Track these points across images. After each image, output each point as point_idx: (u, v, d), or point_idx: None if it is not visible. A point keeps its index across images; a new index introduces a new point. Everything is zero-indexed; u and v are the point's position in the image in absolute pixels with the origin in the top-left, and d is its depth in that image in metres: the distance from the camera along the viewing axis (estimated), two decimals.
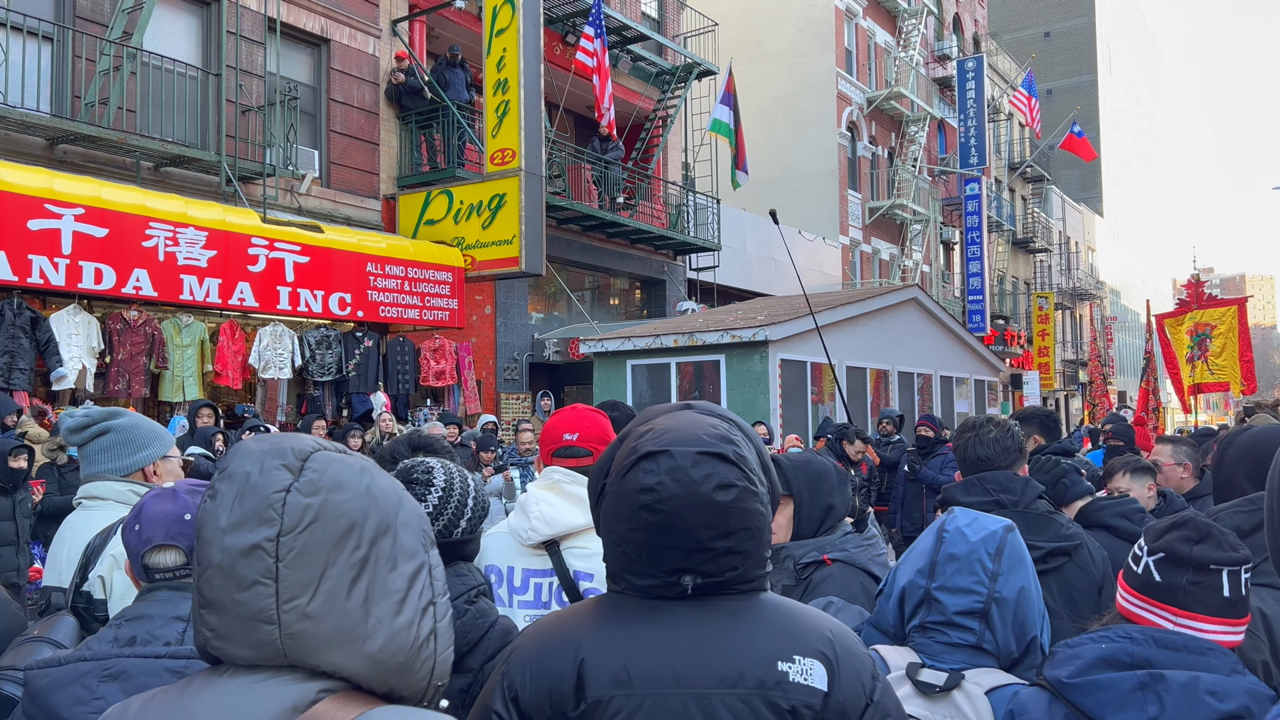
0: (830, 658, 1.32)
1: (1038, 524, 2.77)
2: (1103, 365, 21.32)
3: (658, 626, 1.33)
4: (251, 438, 1.09)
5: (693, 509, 1.30)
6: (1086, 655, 1.71)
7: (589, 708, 1.30)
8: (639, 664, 1.31)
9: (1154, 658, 1.66)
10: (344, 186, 12.62)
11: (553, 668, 1.33)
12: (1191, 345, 11.99)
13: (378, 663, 1.01)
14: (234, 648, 1.00)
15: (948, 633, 1.90)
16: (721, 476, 1.32)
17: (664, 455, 1.33)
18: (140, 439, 2.56)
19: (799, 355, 11.17)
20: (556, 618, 1.45)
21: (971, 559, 1.92)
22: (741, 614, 1.34)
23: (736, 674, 1.29)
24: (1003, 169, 36.64)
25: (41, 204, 8.30)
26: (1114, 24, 59.53)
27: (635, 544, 1.34)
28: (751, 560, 1.35)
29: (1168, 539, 1.76)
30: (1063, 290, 41.96)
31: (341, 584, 1.00)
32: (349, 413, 11.35)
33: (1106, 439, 7.45)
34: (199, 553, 1.02)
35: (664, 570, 1.33)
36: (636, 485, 1.33)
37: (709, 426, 1.38)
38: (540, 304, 16.47)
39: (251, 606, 0.98)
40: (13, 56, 8.90)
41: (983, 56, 31.27)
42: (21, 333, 8.30)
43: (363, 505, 1.04)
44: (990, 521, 2.01)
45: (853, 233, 26.48)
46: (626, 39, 16.91)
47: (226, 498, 1.02)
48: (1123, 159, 60.54)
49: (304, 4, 12.21)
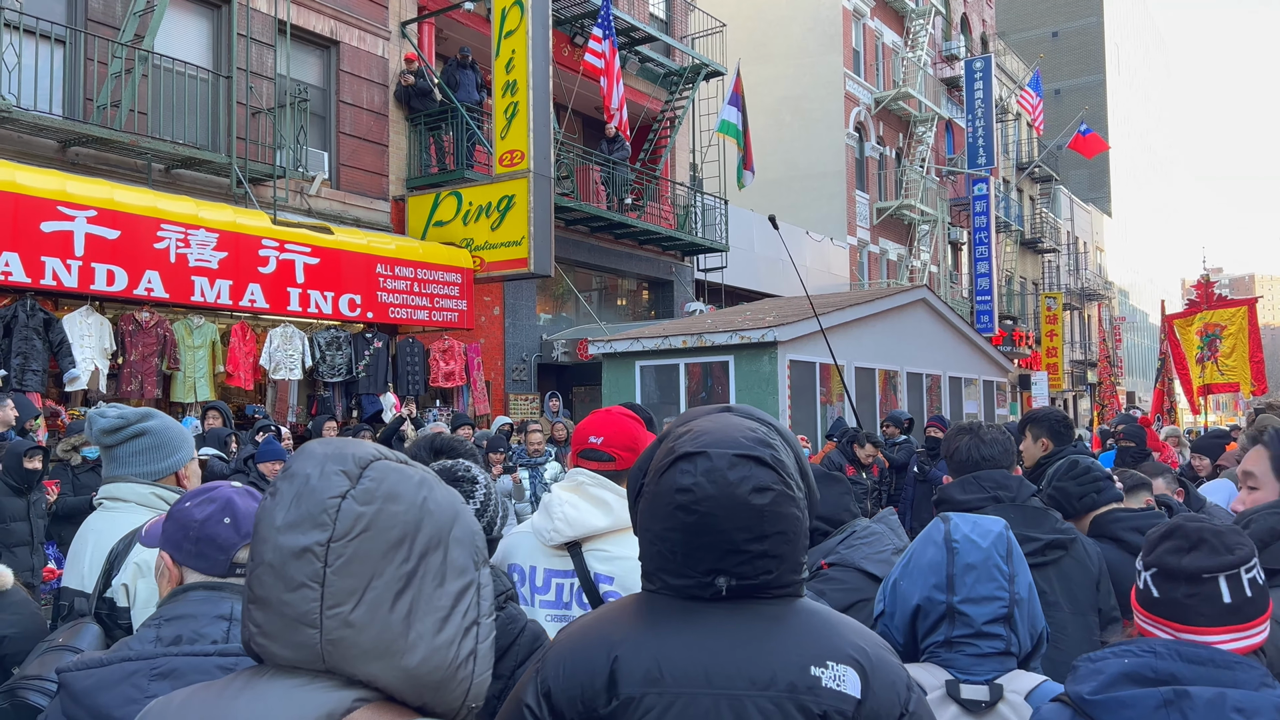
0: (864, 665, 1.31)
1: (1034, 517, 2.82)
2: (1112, 366, 21.25)
3: (692, 626, 1.34)
4: (318, 440, 1.10)
5: (728, 511, 1.31)
6: (1109, 670, 1.67)
7: (620, 705, 1.30)
8: (671, 662, 1.31)
9: (1178, 673, 1.62)
10: (353, 188, 12.66)
11: (586, 664, 1.34)
12: (1201, 346, 11.95)
13: (414, 678, 1.01)
14: (276, 646, 1.01)
15: (977, 644, 1.89)
16: (758, 480, 1.32)
17: (701, 456, 1.34)
18: (174, 442, 2.55)
19: (808, 356, 11.17)
20: (592, 617, 1.46)
21: (989, 565, 1.92)
22: (776, 618, 1.34)
23: (769, 676, 1.29)
24: (1011, 169, 36.56)
25: (54, 206, 8.35)
26: (1122, 23, 59.36)
27: (671, 544, 1.35)
28: (787, 564, 1.35)
29: (1158, 552, 1.72)
30: (1071, 290, 41.85)
31: (386, 595, 1.01)
32: (359, 413, 11.39)
33: (1118, 440, 7.44)
34: (254, 549, 1.03)
35: (699, 571, 1.33)
36: (673, 485, 1.34)
37: (747, 429, 1.39)
38: (548, 305, 16.49)
39: (296, 608, 0.99)
40: (25, 59, 8.95)
41: (990, 56, 31.24)
42: (35, 334, 8.35)
43: (416, 518, 1.04)
44: (989, 523, 2.00)
45: (860, 233, 26.45)
46: (634, 40, 16.93)
47: (285, 497, 1.03)
48: (1131, 159, 60.35)
49: (314, 6, 12.25)
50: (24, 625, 2.37)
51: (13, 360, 8.21)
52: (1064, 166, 47.63)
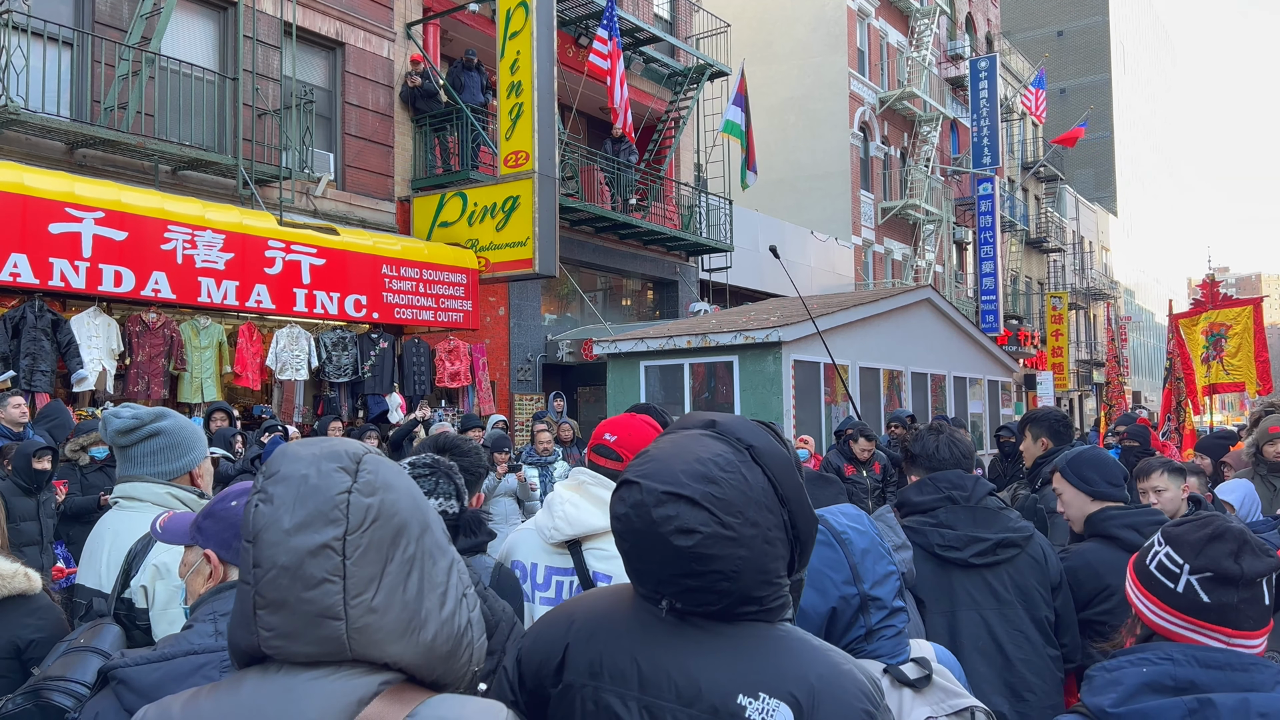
0: (802, 704, 1.24)
1: (985, 518, 2.86)
2: (1119, 365, 21.25)
3: (641, 630, 1.35)
4: (295, 441, 1.14)
5: (651, 548, 1.29)
6: (1129, 681, 1.62)
7: (563, 688, 1.36)
8: (613, 660, 1.34)
9: (1198, 679, 1.58)
10: (359, 189, 12.70)
11: (548, 643, 1.41)
12: (1206, 345, 11.93)
13: (430, 651, 1.07)
14: (295, 645, 1.05)
15: (893, 623, 1.88)
16: (683, 521, 1.26)
17: (635, 487, 1.31)
18: (187, 441, 2.56)
19: (812, 356, 11.18)
20: (578, 599, 1.51)
21: (875, 546, 1.93)
22: (725, 639, 1.30)
23: (694, 694, 1.27)
24: (1016, 169, 36.51)
25: (62, 208, 8.40)
26: (1128, 22, 59.22)
27: (624, 556, 1.37)
28: (733, 599, 1.29)
29: (1211, 555, 1.64)
30: (1076, 290, 41.78)
31: (399, 578, 1.07)
32: (364, 414, 11.43)
33: (1122, 439, 7.45)
34: (258, 555, 1.06)
35: (647, 587, 1.35)
36: (613, 510, 1.36)
37: (695, 462, 1.31)
38: (553, 305, 16.53)
39: (319, 604, 1.04)
40: (33, 62, 9.01)
41: (995, 56, 31.20)
42: (43, 335, 8.40)
43: (410, 504, 1.10)
44: (850, 510, 2.01)
45: (865, 233, 26.44)
46: (639, 41, 16.96)
47: (285, 500, 1.06)
48: (1137, 158, 60.21)
49: (319, 8, 12.30)
50: (51, 630, 2.39)
51: (21, 361, 8.26)
52: (1069, 166, 47.53)
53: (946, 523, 2.83)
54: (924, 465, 2.98)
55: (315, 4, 12.23)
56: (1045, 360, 33.06)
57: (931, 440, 2.99)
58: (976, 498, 2.87)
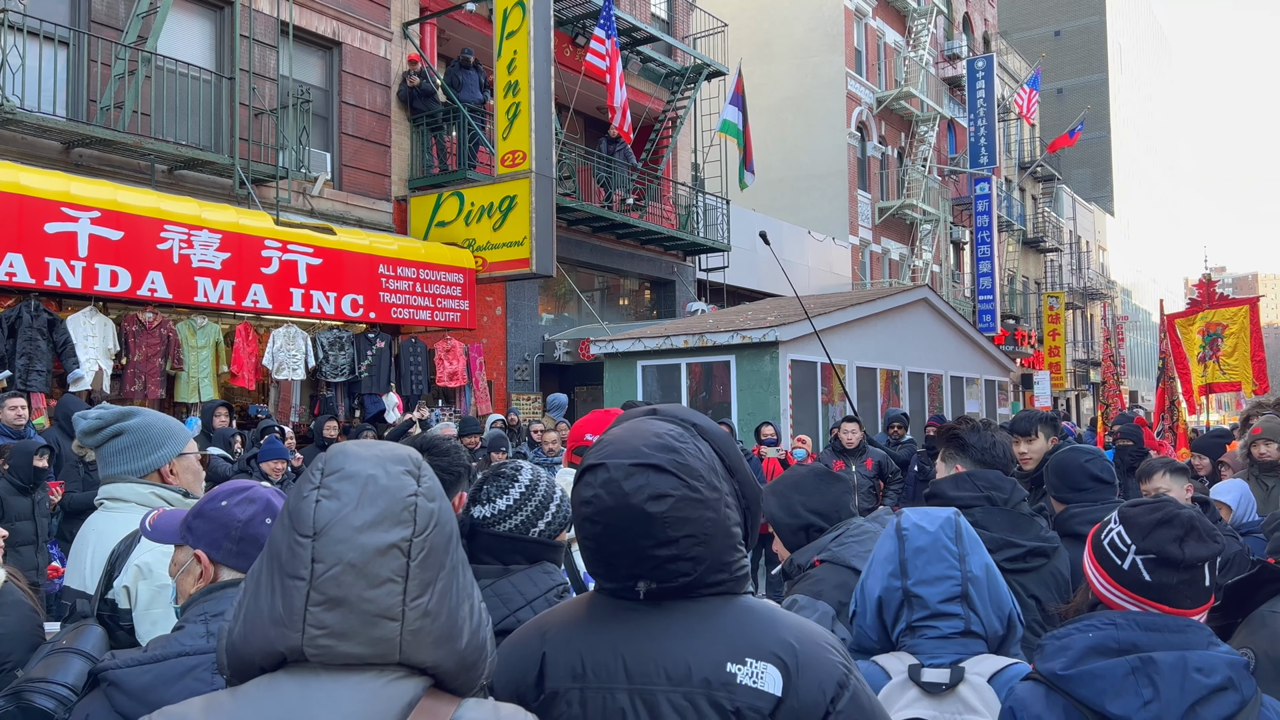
0: (788, 663, 1.29)
1: (1021, 524, 2.84)
2: (1115, 365, 21.31)
3: (618, 624, 1.37)
4: (351, 442, 1.14)
5: (627, 521, 1.32)
6: (1077, 646, 1.73)
7: (547, 698, 1.35)
8: (594, 658, 1.35)
9: (1139, 641, 1.70)
10: (356, 189, 12.70)
11: (519, 659, 1.40)
12: (1203, 345, 11.95)
13: (462, 659, 1.09)
14: (345, 645, 1.04)
15: (937, 625, 1.93)
16: (654, 487, 1.31)
17: (601, 469, 1.35)
18: (154, 439, 2.54)
19: (809, 356, 11.19)
20: (541, 615, 1.50)
21: (937, 547, 1.97)
22: (700, 615, 1.35)
23: (684, 672, 1.30)
24: (1013, 168, 36.54)
25: (58, 207, 8.38)
26: (1125, 22, 59.29)
27: (591, 551, 1.38)
28: (706, 565, 1.34)
29: (1157, 539, 1.76)
30: (1073, 290, 41.82)
31: (449, 585, 1.09)
32: (361, 413, 11.43)
33: (1116, 439, 7.47)
34: (321, 551, 1.05)
35: (618, 576, 1.36)
36: (579, 498, 1.37)
37: (652, 436, 1.37)
38: (550, 305, 16.52)
39: (380, 603, 1.04)
40: (29, 61, 8.99)
41: (993, 56, 31.23)
42: (39, 335, 8.39)
43: (451, 514, 1.13)
44: (939, 511, 2.05)
45: (862, 233, 26.46)
46: (636, 40, 16.96)
47: (353, 498, 1.06)
48: (1134, 158, 60.28)
49: (316, 7, 12.29)
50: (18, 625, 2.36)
51: (17, 361, 8.25)
52: (1066, 166, 47.58)
53: (982, 523, 2.76)
54: (974, 458, 2.94)
55: (312, 3, 12.22)
56: (1042, 360, 33.08)
57: (989, 435, 2.97)
58: (1014, 501, 2.84)
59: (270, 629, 1.05)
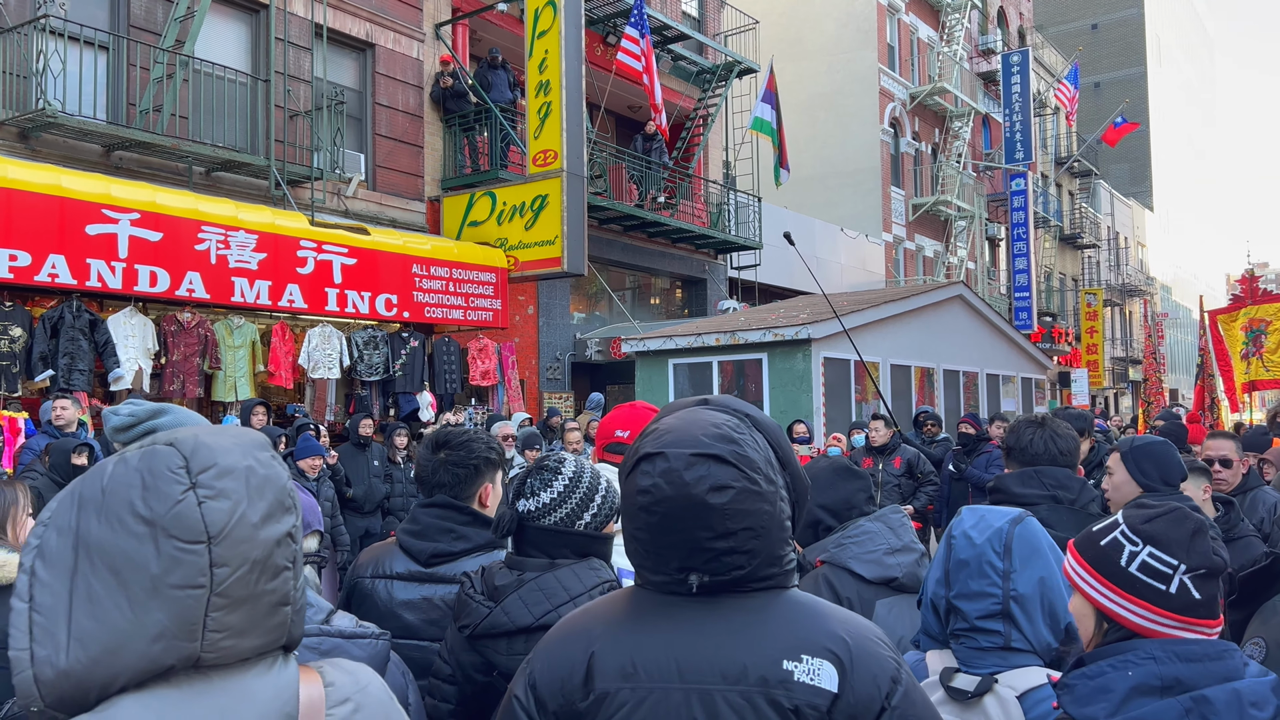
0: (843, 658, 1.28)
1: (1087, 524, 2.74)
2: (1157, 362, 21.00)
3: (668, 621, 1.34)
4: (197, 430, 1.08)
5: (687, 512, 1.30)
6: (1118, 687, 1.56)
7: (596, 699, 1.32)
8: (645, 658, 1.32)
9: (1181, 675, 1.55)
10: (389, 189, 12.79)
11: (566, 658, 1.36)
12: (1246, 341, 11.73)
13: (300, 614, 1.10)
14: (246, 641, 1.01)
15: (975, 638, 1.91)
16: (715, 479, 1.30)
17: (659, 457, 1.33)
18: None
19: (842, 354, 11.10)
20: (580, 611, 1.48)
21: (980, 562, 1.92)
22: (754, 610, 1.33)
23: (740, 670, 1.28)
24: (1049, 164, 36.07)
25: (99, 209, 8.52)
26: (1164, 14, 58.29)
27: (642, 543, 1.36)
28: (760, 559, 1.33)
29: (1200, 552, 1.60)
30: (1112, 286, 41.21)
31: (300, 559, 1.09)
32: (395, 412, 11.51)
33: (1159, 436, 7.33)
34: (224, 555, 0.99)
35: (670, 569, 1.34)
36: (635, 487, 1.35)
37: (711, 426, 1.36)
38: (582, 304, 16.55)
39: (279, 592, 1.04)
40: (70, 66, 9.15)
41: (1028, 50, 30.82)
42: (81, 335, 8.53)
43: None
44: (995, 517, 1.99)
45: (896, 230, 26.25)
46: (667, 38, 16.94)
47: (241, 495, 1.02)
48: (1174, 152, 59.27)
49: (350, 9, 12.40)
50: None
51: (60, 360, 8.40)
52: (1104, 161, 46.88)
53: (1049, 522, 2.63)
54: (1018, 459, 2.85)
55: (345, 6, 12.33)
56: (1080, 357, 32.63)
57: (1028, 433, 2.85)
58: (1082, 501, 2.75)
59: (150, 646, 0.96)
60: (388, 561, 2.41)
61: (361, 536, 8.40)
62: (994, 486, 2.84)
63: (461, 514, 2.40)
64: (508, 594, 1.95)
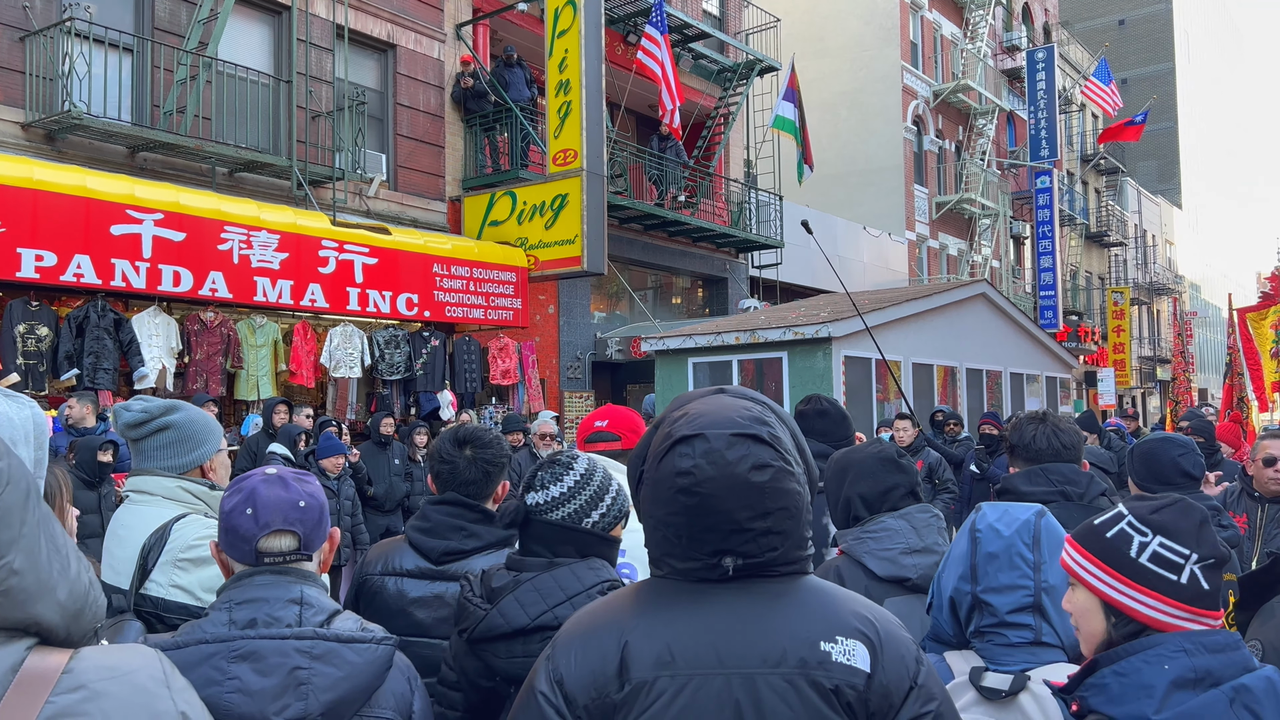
0: (873, 639, 1.32)
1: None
2: (1185, 361, 20.75)
3: (700, 608, 1.34)
4: None
5: (729, 490, 1.32)
6: (1159, 682, 1.52)
7: (633, 689, 1.30)
8: (682, 645, 1.31)
9: (1212, 666, 1.53)
10: (410, 189, 12.85)
11: (597, 650, 1.34)
12: (1276, 340, 11.56)
13: (65, 610, 1.10)
14: None
15: (1004, 634, 1.87)
16: (757, 457, 1.33)
17: (699, 439, 1.35)
18: (198, 435, 2.52)
19: (864, 352, 11.03)
20: (601, 604, 1.46)
21: (1010, 554, 1.89)
22: (783, 595, 1.35)
23: (779, 654, 1.29)
24: (1075, 161, 35.71)
25: (123, 210, 8.61)
26: (1192, 9, 57.55)
27: (675, 527, 1.35)
28: (791, 541, 1.36)
29: (1211, 542, 1.58)
30: (1139, 285, 40.74)
31: (34, 540, 1.08)
32: (416, 410, 11.56)
33: (1186, 435, 7.22)
34: None
35: (704, 553, 1.34)
36: (673, 469, 1.34)
37: (742, 409, 1.39)
38: (602, 303, 16.55)
39: None
40: (95, 68, 9.25)
41: (1053, 46, 30.52)
42: (105, 334, 8.63)
43: (24, 470, 1.11)
44: (1020, 511, 1.97)
45: (919, 228, 26.07)
46: (688, 37, 16.90)
47: None
48: (1202, 149, 58.51)
49: (371, 10, 12.46)
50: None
51: (85, 359, 8.50)
52: (1131, 158, 46.36)
53: (1061, 521, 2.67)
54: (1022, 457, 2.83)
55: (367, 6, 12.40)
56: (1106, 357, 32.29)
57: (1030, 429, 2.83)
58: (1090, 496, 2.73)
59: None
60: (397, 558, 2.42)
61: (382, 534, 8.44)
62: (1002, 488, 2.82)
63: (473, 512, 2.41)
64: (504, 595, 1.94)
